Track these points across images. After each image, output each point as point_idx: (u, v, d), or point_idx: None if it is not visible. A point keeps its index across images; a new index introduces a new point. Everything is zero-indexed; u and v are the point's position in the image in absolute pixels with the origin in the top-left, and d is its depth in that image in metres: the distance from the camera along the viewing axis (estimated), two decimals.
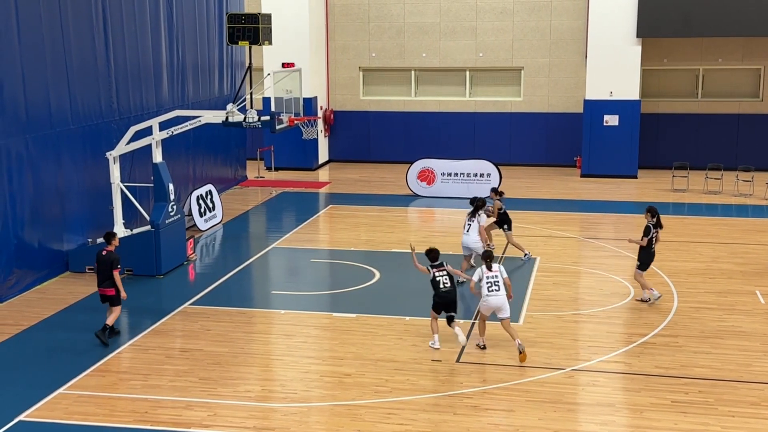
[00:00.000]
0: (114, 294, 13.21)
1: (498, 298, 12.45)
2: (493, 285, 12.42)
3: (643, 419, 10.68)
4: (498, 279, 12.45)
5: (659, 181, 26.14)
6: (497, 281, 12.45)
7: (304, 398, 11.31)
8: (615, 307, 14.90)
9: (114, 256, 13.22)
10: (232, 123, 16.62)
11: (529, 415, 10.74)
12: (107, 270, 13.15)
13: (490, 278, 12.45)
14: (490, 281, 12.44)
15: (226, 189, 24.91)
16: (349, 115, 29.92)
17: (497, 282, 12.45)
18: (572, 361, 12.49)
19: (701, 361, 12.49)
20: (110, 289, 13.20)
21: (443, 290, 12.66)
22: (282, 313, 14.64)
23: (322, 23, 29.09)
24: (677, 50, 27.75)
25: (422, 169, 24.64)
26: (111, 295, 13.23)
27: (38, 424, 10.60)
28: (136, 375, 12.04)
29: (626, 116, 26.49)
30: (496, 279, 12.46)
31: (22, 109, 15.51)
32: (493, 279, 12.45)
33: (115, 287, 13.16)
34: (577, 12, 28.01)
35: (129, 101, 19.04)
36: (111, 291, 13.21)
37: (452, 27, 28.84)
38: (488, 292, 12.46)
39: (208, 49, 23.48)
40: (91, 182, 17.55)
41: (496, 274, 12.48)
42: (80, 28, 17.13)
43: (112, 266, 13.11)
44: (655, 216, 14.99)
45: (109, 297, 13.26)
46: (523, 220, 21.34)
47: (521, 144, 28.94)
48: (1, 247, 15.00)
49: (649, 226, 14.89)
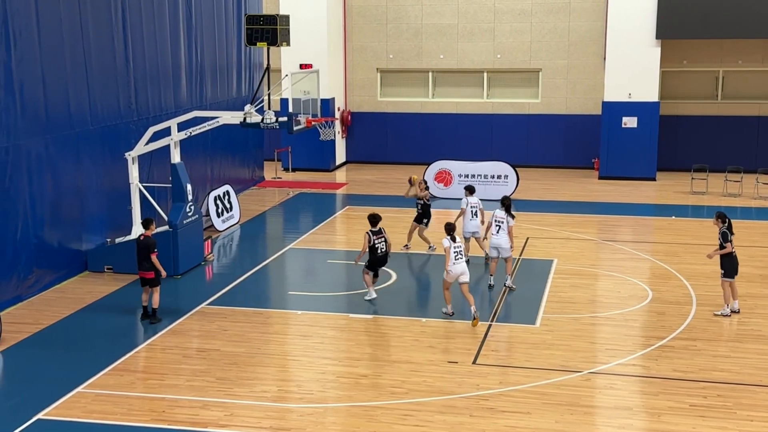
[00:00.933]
0: (153, 276, 14.04)
1: (461, 265, 13.94)
2: (458, 254, 13.90)
3: (660, 423, 10.62)
4: (461, 248, 14.03)
5: (678, 184, 25.99)
6: (461, 251, 13.99)
7: (321, 399, 11.33)
8: (633, 309, 14.82)
9: (151, 241, 14.03)
10: (250, 124, 16.67)
11: (546, 418, 10.69)
12: (145, 254, 13.96)
13: (456, 248, 13.88)
14: (456, 251, 13.86)
15: (244, 190, 24.99)
16: (367, 116, 29.94)
17: (461, 252, 13.99)
18: (589, 363, 12.44)
19: (720, 364, 12.40)
20: (149, 273, 14.03)
21: (380, 255, 14.86)
22: (299, 313, 14.67)
23: (340, 24, 29.13)
24: (697, 52, 27.57)
25: (439, 171, 24.62)
26: (150, 278, 14.06)
27: (57, 423, 10.67)
28: (153, 374, 12.09)
29: (645, 118, 26.36)
30: (460, 249, 13.98)
31: (42, 110, 15.62)
32: (458, 249, 13.92)
33: (153, 270, 13.98)
34: (595, 13, 27.90)
35: (148, 102, 19.15)
36: (150, 274, 14.04)
37: (470, 28, 28.80)
38: (455, 260, 13.86)
39: (226, 50, 23.58)
40: (110, 182, 17.66)
41: (460, 245, 13.99)
42: (100, 29, 17.24)
43: (149, 250, 13.92)
44: (726, 221, 14.54)
45: (148, 280, 14.09)
46: (540, 222, 21.29)
47: (539, 146, 28.85)
48: (21, 247, 15.11)
49: (725, 232, 14.39)
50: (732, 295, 14.47)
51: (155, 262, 13.99)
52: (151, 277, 14.08)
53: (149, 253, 13.97)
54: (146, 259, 14.03)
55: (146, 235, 14.20)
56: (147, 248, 14.00)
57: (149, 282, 14.13)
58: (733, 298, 14.50)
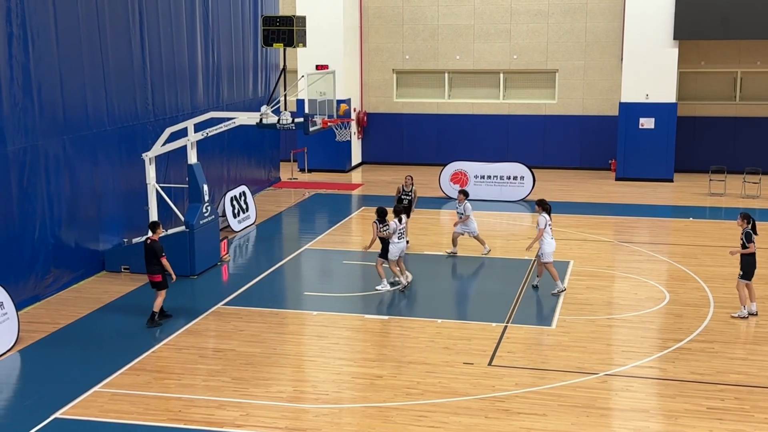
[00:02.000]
0: (159, 280, 13.95)
1: (402, 243, 15.84)
2: (402, 234, 15.77)
3: (677, 425, 10.55)
4: (405, 229, 15.97)
5: (696, 185, 25.83)
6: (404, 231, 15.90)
7: (336, 399, 11.33)
8: (649, 311, 14.74)
9: (157, 245, 13.92)
10: (266, 125, 16.71)
11: (562, 420, 10.65)
12: (152, 258, 13.91)
13: (401, 229, 15.70)
14: (400, 232, 15.66)
15: (260, 190, 25.06)
16: (383, 117, 29.94)
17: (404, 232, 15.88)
18: (606, 365, 12.38)
19: (737, 367, 12.31)
20: (156, 276, 13.95)
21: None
22: (314, 314, 14.68)
23: (356, 25, 29.16)
24: (715, 52, 27.41)
25: (455, 172, 24.59)
26: (157, 281, 13.97)
27: (73, 422, 10.73)
28: (169, 374, 12.14)
29: (662, 119, 26.22)
30: (404, 229, 15.87)
31: (60, 111, 15.72)
32: (402, 230, 15.79)
33: (160, 273, 13.92)
34: (613, 14, 27.79)
35: (164, 103, 19.23)
36: (157, 277, 13.95)
37: (486, 29, 28.75)
38: (397, 240, 15.61)
39: (243, 52, 23.65)
40: (127, 183, 17.75)
41: (404, 226, 15.89)
42: (117, 30, 17.33)
43: (156, 255, 13.86)
44: (751, 221, 14.39)
45: (156, 283, 14.00)
46: (557, 223, 21.15)
47: (555, 147, 28.76)
48: (39, 247, 15.21)
49: (749, 232, 14.27)
50: (750, 297, 14.37)
51: (166, 265, 13.92)
52: (158, 280, 13.99)
53: (158, 258, 13.90)
54: (153, 262, 13.95)
55: (153, 239, 14.05)
56: (154, 252, 13.90)
57: (156, 285, 14.05)
58: (751, 300, 14.40)
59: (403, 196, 18.64)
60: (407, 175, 19.14)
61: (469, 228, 18.23)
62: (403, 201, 18.45)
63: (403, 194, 18.67)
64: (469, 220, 18.16)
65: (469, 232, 18.27)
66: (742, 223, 14.48)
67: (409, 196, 18.63)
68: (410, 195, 18.67)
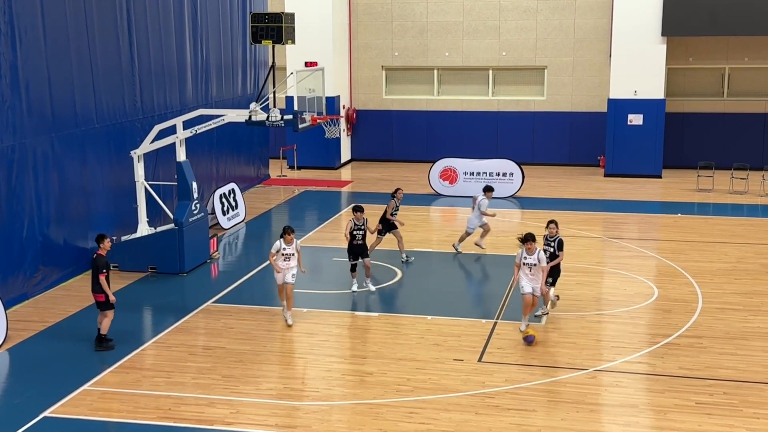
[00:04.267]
0: (104, 299, 12.81)
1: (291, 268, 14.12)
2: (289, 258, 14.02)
3: (666, 420, 10.60)
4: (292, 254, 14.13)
5: (684, 181, 25.94)
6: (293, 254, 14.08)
7: (326, 396, 11.33)
8: (638, 307, 14.80)
9: (101, 261, 12.74)
10: (255, 122, 16.69)
11: (552, 416, 10.69)
12: (95, 274, 12.77)
13: (287, 252, 14.03)
14: (285, 255, 14.01)
15: (249, 188, 25.01)
16: (372, 114, 29.93)
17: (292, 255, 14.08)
18: (595, 361, 12.42)
19: (726, 362, 12.37)
20: (100, 295, 12.81)
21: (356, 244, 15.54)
22: (304, 311, 14.68)
23: (345, 22, 29.12)
24: (703, 49, 27.51)
25: (445, 169, 24.61)
26: (101, 300, 12.84)
27: (62, 420, 10.70)
28: (159, 372, 12.11)
29: (651, 115, 26.30)
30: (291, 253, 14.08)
31: (48, 109, 15.65)
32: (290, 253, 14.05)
33: (104, 292, 12.75)
34: (601, 10, 27.85)
35: (153, 100, 19.17)
36: (100, 296, 12.83)
37: (475, 26, 28.77)
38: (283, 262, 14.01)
39: (231, 49, 23.58)
40: (116, 181, 17.69)
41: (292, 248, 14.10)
42: (105, 28, 17.26)
43: (98, 270, 12.70)
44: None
45: (100, 303, 12.88)
46: (546, 220, 21.20)
47: (544, 143, 28.82)
48: (28, 245, 15.15)
49: (561, 240, 14.14)
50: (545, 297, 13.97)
51: (103, 284, 12.68)
52: (103, 300, 12.80)
53: (98, 274, 12.71)
54: (96, 280, 12.76)
55: (98, 254, 12.85)
56: (96, 268, 12.72)
57: (101, 305, 12.86)
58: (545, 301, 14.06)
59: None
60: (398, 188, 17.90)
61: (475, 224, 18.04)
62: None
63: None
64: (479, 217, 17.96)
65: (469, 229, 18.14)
66: (554, 229, 14.16)
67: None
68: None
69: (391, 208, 17.50)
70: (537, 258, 13.31)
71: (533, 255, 13.30)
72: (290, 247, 13.98)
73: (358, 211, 15.59)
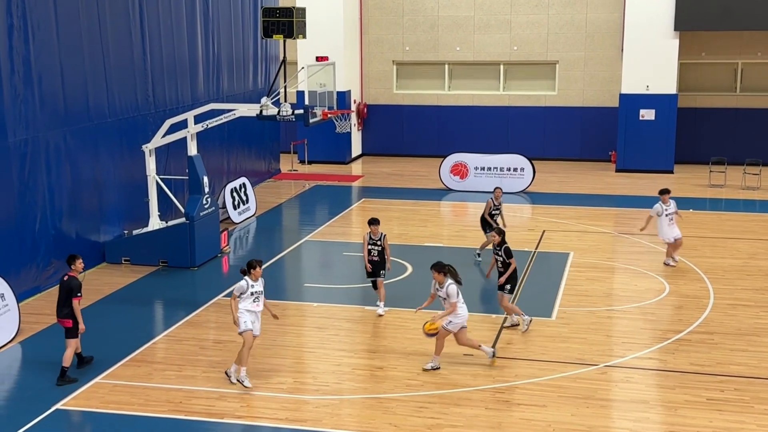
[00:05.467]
0: (71, 326, 11.53)
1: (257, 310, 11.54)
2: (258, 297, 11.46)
3: (677, 416, 10.58)
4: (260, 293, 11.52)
5: (696, 177, 25.83)
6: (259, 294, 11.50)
7: (336, 391, 11.36)
8: (649, 303, 14.76)
9: (74, 283, 11.50)
10: (266, 116, 16.71)
11: (562, 411, 10.68)
12: (65, 297, 11.52)
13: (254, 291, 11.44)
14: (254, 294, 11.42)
15: (260, 182, 25.06)
16: (383, 108, 29.91)
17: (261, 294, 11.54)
18: (606, 357, 12.40)
19: (737, 358, 12.33)
20: (67, 321, 11.53)
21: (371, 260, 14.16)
22: (314, 305, 14.70)
23: (356, 17, 29.10)
24: (715, 44, 27.36)
25: (455, 163, 24.58)
26: (68, 327, 11.56)
27: (75, 413, 10.77)
28: (170, 365, 12.16)
29: (663, 110, 26.20)
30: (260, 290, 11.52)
31: (61, 103, 15.72)
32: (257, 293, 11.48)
33: (72, 318, 11.49)
34: (613, 4, 27.73)
35: (165, 95, 19.22)
36: (67, 322, 11.53)
37: (486, 20, 28.70)
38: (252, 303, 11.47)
39: (243, 43, 23.62)
40: (128, 174, 17.76)
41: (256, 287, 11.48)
42: (117, 22, 17.31)
43: (70, 294, 11.47)
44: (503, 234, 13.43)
45: (67, 330, 11.58)
46: (557, 215, 21.23)
47: (555, 138, 28.74)
48: (40, 238, 15.23)
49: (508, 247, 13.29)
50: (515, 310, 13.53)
51: (76, 310, 11.44)
52: (69, 326, 11.49)
53: (70, 297, 11.43)
54: (66, 303, 11.49)
55: (70, 275, 11.61)
56: (68, 291, 11.48)
57: (67, 332, 11.55)
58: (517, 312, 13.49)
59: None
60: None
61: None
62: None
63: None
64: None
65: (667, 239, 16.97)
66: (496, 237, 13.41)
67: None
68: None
69: (489, 208, 16.83)
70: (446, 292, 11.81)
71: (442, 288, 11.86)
72: (258, 284, 11.47)
73: (373, 224, 14.16)
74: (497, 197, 16.87)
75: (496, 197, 16.86)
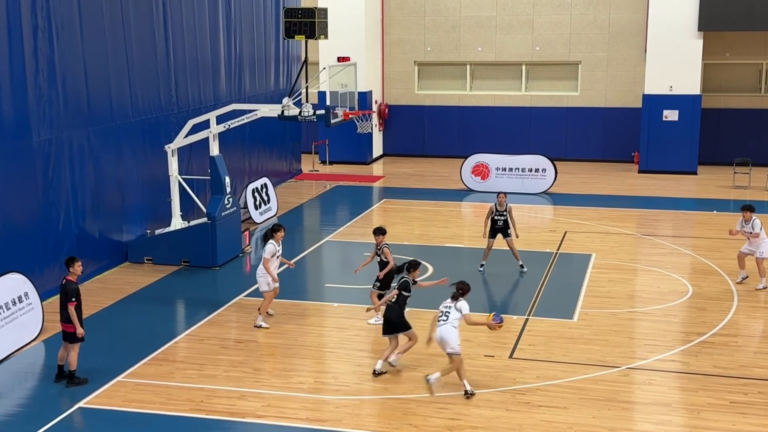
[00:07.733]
0: (72, 331, 11.40)
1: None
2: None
3: (700, 419, 10.49)
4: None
5: (720, 178, 25.61)
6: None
7: (357, 391, 11.36)
8: (672, 305, 14.65)
9: (71, 287, 11.34)
10: (288, 117, 16.75)
11: (583, 413, 10.62)
12: (64, 301, 11.39)
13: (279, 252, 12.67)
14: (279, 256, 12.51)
15: (281, 182, 25.12)
16: (404, 109, 29.90)
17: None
18: (628, 359, 12.32)
19: (761, 361, 12.21)
20: (68, 325, 11.39)
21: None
22: (335, 306, 14.72)
23: (378, 17, 29.11)
24: (740, 44, 27.11)
25: (477, 164, 24.53)
26: (70, 332, 11.41)
27: (97, 411, 10.84)
28: (192, 365, 12.22)
29: (686, 111, 25.99)
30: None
31: (84, 103, 15.84)
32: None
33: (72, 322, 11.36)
34: (636, 4, 27.56)
35: (187, 95, 19.32)
36: (69, 327, 11.39)
37: (508, 21, 28.62)
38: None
39: (264, 44, 23.70)
40: (150, 174, 17.86)
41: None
42: (141, 23, 17.42)
43: (67, 298, 11.32)
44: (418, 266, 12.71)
45: (68, 334, 11.44)
46: (579, 216, 21.12)
47: (578, 139, 28.61)
48: (63, 237, 15.35)
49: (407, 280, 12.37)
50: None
51: (72, 314, 11.25)
52: (71, 331, 11.36)
53: (67, 302, 11.28)
54: (65, 307, 11.34)
55: (68, 279, 11.43)
56: (65, 295, 11.32)
57: (68, 337, 11.41)
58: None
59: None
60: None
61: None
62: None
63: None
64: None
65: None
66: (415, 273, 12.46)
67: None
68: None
69: (491, 212, 16.44)
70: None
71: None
72: (280, 246, 13.61)
73: (377, 235, 13.98)
74: (501, 203, 16.46)
75: (500, 203, 16.46)
